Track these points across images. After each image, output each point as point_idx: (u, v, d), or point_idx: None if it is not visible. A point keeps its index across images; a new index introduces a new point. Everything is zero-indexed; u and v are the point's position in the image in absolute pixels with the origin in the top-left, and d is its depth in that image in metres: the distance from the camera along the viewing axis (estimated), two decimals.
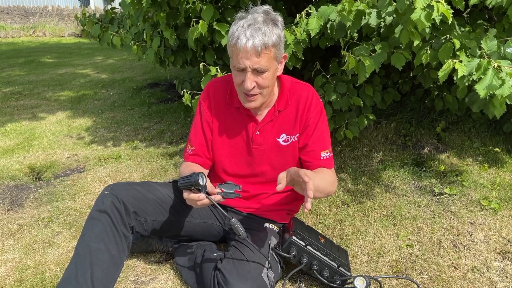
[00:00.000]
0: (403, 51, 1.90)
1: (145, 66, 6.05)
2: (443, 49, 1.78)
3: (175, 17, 2.56)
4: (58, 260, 1.74)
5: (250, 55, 1.30)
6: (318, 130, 1.53)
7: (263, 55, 1.30)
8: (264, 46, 1.29)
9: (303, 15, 1.99)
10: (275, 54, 1.35)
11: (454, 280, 1.54)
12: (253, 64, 1.31)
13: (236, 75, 1.38)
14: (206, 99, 1.58)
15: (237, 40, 1.29)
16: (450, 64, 1.72)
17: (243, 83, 1.36)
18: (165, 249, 1.74)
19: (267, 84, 1.38)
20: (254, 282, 1.34)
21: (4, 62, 7.02)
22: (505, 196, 2.08)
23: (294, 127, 1.54)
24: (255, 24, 1.29)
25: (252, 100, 1.41)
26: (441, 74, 1.73)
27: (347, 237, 1.83)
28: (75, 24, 12.22)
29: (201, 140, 1.58)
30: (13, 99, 4.51)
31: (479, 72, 1.69)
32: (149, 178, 2.49)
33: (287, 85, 1.53)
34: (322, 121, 1.54)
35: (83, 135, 3.30)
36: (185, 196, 1.29)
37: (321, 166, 1.53)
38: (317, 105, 1.54)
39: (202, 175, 1.27)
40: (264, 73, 1.34)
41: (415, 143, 2.76)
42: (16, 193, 2.39)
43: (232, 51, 1.34)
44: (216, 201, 1.31)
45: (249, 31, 1.28)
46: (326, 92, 2.32)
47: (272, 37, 1.31)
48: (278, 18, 1.37)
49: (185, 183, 1.27)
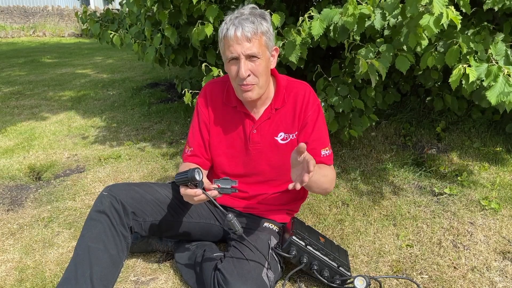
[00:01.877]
0: (407, 54, 1.90)
1: (145, 66, 6.05)
2: (450, 53, 1.77)
3: (177, 16, 2.56)
4: (58, 260, 1.74)
5: (241, 41, 1.33)
6: (317, 128, 1.53)
7: (253, 41, 1.33)
8: (254, 31, 1.33)
9: (306, 18, 1.99)
10: (266, 43, 1.37)
11: (454, 280, 1.54)
12: (245, 50, 1.34)
13: (230, 68, 1.40)
14: (203, 100, 1.59)
15: (226, 32, 1.34)
16: (461, 69, 1.71)
17: (238, 73, 1.36)
18: (165, 249, 1.74)
19: (261, 72, 1.39)
20: (254, 282, 1.34)
21: (4, 62, 7.02)
22: (505, 196, 2.08)
23: (292, 125, 1.54)
24: (242, 16, 1.35)
25: (248, 90, 1.41)
26: (452, 79, 1.72)
27: (347, 237, 1.83)
28: (75, 24, 12.22)
29: (199, 141, 1.58)
30: (13, 99, 4.51)
31: (489, 79, 1.69)
32: (149, 178, 2.49)
33: (283, 83, 1.54)
34: (320, 119, 1.54)
35: (83, 135, 3.30)
36: (182, 192, 1.29)
37: (322, 161, 1.53)
38: (315, 102, 1.54)
39: (199, 170, 1.27)
40: (258, 59, 1.36)
41: (415, 143, 2.76)
42: (16, 193, 2.39)
43: (224, 44, 1.37)
44: (212, 196, 1.31)
45: (237, 21, 1.33)
46: (328, 95, 2.32)
47: (261, 26, 1.35)
48: (265, 13, 1.40)
49: (182, 179, 1.27)
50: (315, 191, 1.46)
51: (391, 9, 1.76)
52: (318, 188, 1.44)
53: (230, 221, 1.33)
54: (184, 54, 3.02)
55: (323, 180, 1.43)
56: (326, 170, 1.49)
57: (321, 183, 1.43)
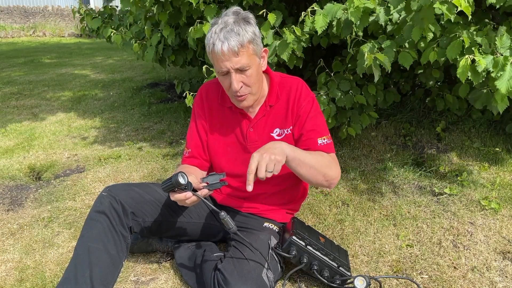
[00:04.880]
0: (410, 50, 1.89)
1: (145, 66, 6.05)
2: (451, 46, 1.77)
3: (177, 17, 2.56)
4: (58, 260, 1.74)
5: (228, 57, 1.31)
6: (311, 119, 1.51)
7: (241, 54, 1.32)
8: (240, 45, 1.31)
9: (309, 12, 1.99)
10: (254, 50, 1.37)
11: (454, 280, 1.54)
12: (234, 65, 1.33)
13: (222, 80, 1.41)
14: (200, 102, 1.61)
15: (213, 46, 1.32)
16: (468, 59, 1.70)
17: (231, 86, 1.38)
18: (165, 249, 1.74)
19: (253, 81, 1.40)
20: (254, 282, 1.34)
21: (4, 62, 7.02)
22: (505, 196, 2.08)
23: (286, 121, 1.54)
24: (226, 27, 1.32)
25: (243, 100, 1.43)
26: (459, 71, 1.71)
27: (347, 237, 1.83)
28: (75, 24, 12.21)
29: (197, 142, 1.59)
30: (13, 99, 4.51)
31: (497, 69, 1.69)
32: (149, 178, 2.49)
33: (276, 80, 1.54)
34: (314, 110, 1.52)
35: (83, 135, 3.30)
36: (172, 198, 1.29)
37: (319, 150, 1.49)
38: (308, 95, 1.53)
39: (182, 174, 1.26)
40: (247, 70, 1.36)
41: (415, 143, 2.76)
42: (16, 193, 2.39)
43: (212, 58, 1.36)
44: (203, 195, 1.30)
45: (222, 34, 1.31)
46: (330, 89, 2.32)
47: (247, 34, 1.33)
48: (249, 16, 1.38)
49: (168, 186, 1.26)
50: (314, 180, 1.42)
51: (396, 3, 1.76)
52: (314, 171, 1.39)
53: (223, 219, 1.32)
54: (184, 55, 3.02)
55: (314, 162, 1.39)
56: (320, 156, 1.45)
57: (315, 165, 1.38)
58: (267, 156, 1.25)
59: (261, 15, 2.15)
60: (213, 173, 1.35)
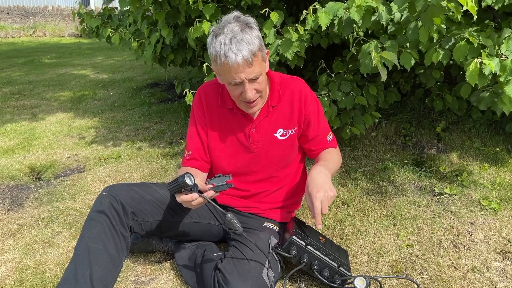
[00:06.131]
0: (411, 51, 1.89)
1: (145, 66, 6.05)
2: (458, 48, 1.76)
3: (175, 17, 2.56)
4: (58, 260, 1.74)
5: (243, 68, 1.31)
6: (321, 120, 1.60)
7: (254, 63, 1.32)
8: (252, 55, 1.31)
9: (311, 10, 1.99)
10: (262, 57, 1.38)
11: (454, 280, 1.54)
12: (248, 75, 1.33)
13: (232, 89, 1.40)
14: (199, 103, 1.60)
15: (226, 58, 1.29)
16: (476, 63, 1.70)
17: (243, 94, 1.38)
18: (165, 249, 1.74)
19: (264, 87, 1.43)
20: (254, 282, 1.34)
21: (4, 62, 7.02)
22: (505, 196, 2.08)
23: (290, 121, 1.55)
24: (235, 37, 1.29)
25: (254, 106, 1.45)
26: (469, 75, 1.70)
27: (347, 237, 1.83)
28: (75, 24, 12.22)
29: (197, 144, 1.59)
30: (13, 99, 4.51)
31: (505, 74, 1.69)
32: (149, 178, 2.49)
33: (276, 80, 1.55)
34: (320, 110, 1.62)
35: (83, 135, 3.30)
36: (178, 200, 1.29)
37: (328, 147, 1.63)
38: (312, 96, 1.58)
39: (189, 175, 1.25)
40: (259, 78, 1.37)
41: (415, 143, 2.76)
42: (16, 193, 2.39)
43: (223, 69, 1.33)
44: (209, 196, 1.30)
45: (234, 46, 1.28)
46: (331, 90, 2.32)
47: (255, 42, 1.32)
48: (250, 20, 1.37)
49: (174, 187, 1.25)
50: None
51: (401, 3, 1.76)
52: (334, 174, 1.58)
53: (230, 220, 1.32)
54: (183, 54, 3.02)
55: (335, 167, 1.58)
56: (334, 156, 1.61)
57: (335, 170, 1.58)
58: (327, 194, 1.37)
59: (261, 15, 2.15)
60: (219, 175, 1.35)
